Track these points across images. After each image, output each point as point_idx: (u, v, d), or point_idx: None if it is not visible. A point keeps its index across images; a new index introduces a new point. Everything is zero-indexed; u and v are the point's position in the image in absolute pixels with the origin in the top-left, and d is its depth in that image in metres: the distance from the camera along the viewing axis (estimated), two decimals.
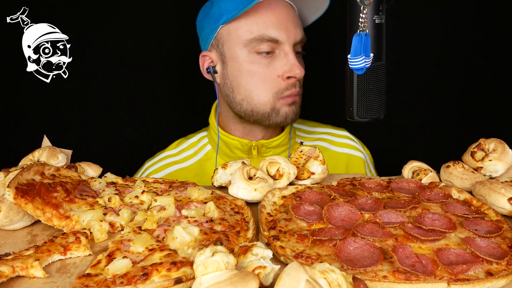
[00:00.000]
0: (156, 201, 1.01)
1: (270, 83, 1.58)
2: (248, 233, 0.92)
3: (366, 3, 1.04)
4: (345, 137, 1.86)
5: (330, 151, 1.80)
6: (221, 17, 1.55)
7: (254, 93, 1.59)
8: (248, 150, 1.67)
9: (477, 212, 0.99)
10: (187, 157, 1.80)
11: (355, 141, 1.86)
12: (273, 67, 1.57)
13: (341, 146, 1.83)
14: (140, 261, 0.79)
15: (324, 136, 1.86)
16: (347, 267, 0.78)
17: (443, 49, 2.09)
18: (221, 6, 1.55)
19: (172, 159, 1.80)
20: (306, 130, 1.88)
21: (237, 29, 1.56)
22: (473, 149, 1.22)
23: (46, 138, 1.33)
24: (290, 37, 1.56)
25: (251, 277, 0.66)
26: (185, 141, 1.85)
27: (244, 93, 1.59)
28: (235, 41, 1.56)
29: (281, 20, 1.55)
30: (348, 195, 1.08)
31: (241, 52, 1.57)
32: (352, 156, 1.81)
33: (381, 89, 1.15)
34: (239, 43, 1.56)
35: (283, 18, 1.56)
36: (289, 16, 1.57)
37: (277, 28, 1.54)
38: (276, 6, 1.56)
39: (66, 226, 0.95)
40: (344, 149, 1.82)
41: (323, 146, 1.82)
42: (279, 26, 1.54)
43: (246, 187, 1.07)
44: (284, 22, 1.55)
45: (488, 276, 0.76)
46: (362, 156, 1.83)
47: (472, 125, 2.16)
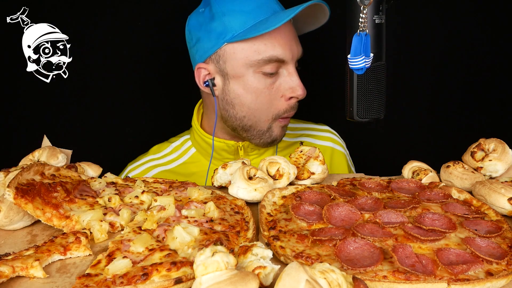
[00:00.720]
0: (156, 201, 1.01)
1: (274, 104, 1.57)
2: (248, 233, 0.92)
3: (366, 3, 1.04)
4: (327, 131, 1.89)
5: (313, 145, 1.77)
6: (225, 34, 1.50)
7: (257, 112, 1.58)
8: (235, 151, 1.68)
9: (477, 212, 0.99)
10: (171, 160, 1.79)
11: (337, 136, 1.89)
12: (277, 87, 1.55)
13: (324, 139, 1.85)
14: (140, 261, 0.79)
15: (307, 132, 1.88)
16: (347, 267, 0.78)
17: (443, 49, 2.09)
18: (225, 22, 1.49)
19: (155, 162, 1.79)
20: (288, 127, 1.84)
21: (243, 49, 1.50)
22: (473, 149, 1.22)
23: (46, 138, 1.33)
24: (294, 56, 1.55)
25: (251, 277, 0.66)
26: (167, 145, 1.83)
27: (248, 111, 1.58)
28: (241, 61, 1.51)
29: (286, 39, 1.52)
30: (348, 195, 1.08)
31: (247, 72, 1.53)
32: (335, 150, 1.84)
33: (381, 89, 1.15)
34: (246, 63, 1.51)
35: (288, 37, 1.53)
36: (292, 33, 1.55)
37: (283, 48, 1.51)
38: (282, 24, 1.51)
39: (66, 226, 0.95)
40: (328, 142, 1.85)
41: (307, 141, 1.83)
42: (285, 45, 1.52)
43: (246, 187, 1.07)
44: (288, 40, 1.53)
45: (488, 276, 0.76)
46: (343, 151, 1.85)
47: (472, 125, 2.17)
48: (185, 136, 1.84)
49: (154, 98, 2.15)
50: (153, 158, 1.81)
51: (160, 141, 1.88)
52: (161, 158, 1.81)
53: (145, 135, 2.15)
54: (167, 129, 2.08)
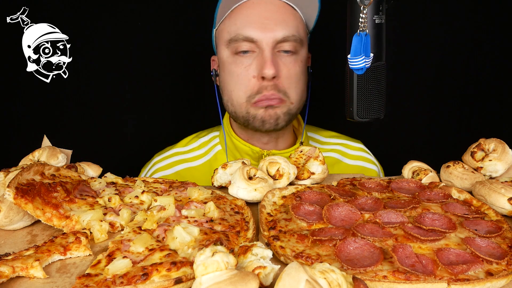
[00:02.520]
0: (156, 201, 1.01)
1: (245, 84, 1.53)
2: (248, 233, 0.92)
3: (366, 3, 1.04)
4: (359, 149, 1.82)
5: (343, 163, 1.77)
6: (214, 22, 1.59)
7: (233, 94, 1.57)
8: (259, 157, 1.65)
9: (477, 212, 0.99)
10: (196, 156, 1.78)
11: (369, 154, 1.82)
12: (250, 67, 1.53)
13: (354, 158, 1.78)
14: (140, 261, 0.79)
15: (338, 148, 1.81)
16: (347, 267, 0.78)
17: (443, 49, 2.09)
18: (215, 11, 1.55)
19: (181, 157, 1.78)
20: (320, 140, 1.84)
21: (221, 31, 1.57)
22: (473, 149, 1.22)
23: (46, 138, 1.33)
24: (268, 36, 1.49)
25: (251, 277, 0.66)
26: (196, 140, 1.82)
27: (227, 94, 1.59)
28: (221, 43, 1.57)
29: (261, 18, 1.49)
30: (348, 195, 1.08)
31: (225, 53, 1.56)
32: (365, 169, 1.77)
33: (381, 89, 1.15)
34: (223, 44, 1.56)
35: (263, 16, 1.50)
36: (272, 13, 1.51)
37: (253, 27, 1.49)
38: (260, 5, 1.51)
39: (66, 226, 0.95)
40: (357, 161, 1.78)
41: (336, 157, 1.78)
42: (257, 24, 1.49)
43: (246, 187, 1.07)
44: (263, 20, 1.49)
45: (488, 276, 0.76)
46: (376, 170, 1.79)
47: (472, 125, 2.16)
48: (214, 132, 1.82)
49: (154, 98, 2.15)
50: (180, 152, 1.79)
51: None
52: (187, 152, 1.79)
53: (145, 135, 2.16)
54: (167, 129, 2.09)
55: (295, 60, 1.55)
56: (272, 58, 1.49)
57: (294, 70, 1.54)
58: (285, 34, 1.50)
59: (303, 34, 1.57)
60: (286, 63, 1.53)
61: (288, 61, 1.53)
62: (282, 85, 1.53)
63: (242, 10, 1.52)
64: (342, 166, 1.75)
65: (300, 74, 1.57)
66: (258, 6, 1.51)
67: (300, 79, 1.57)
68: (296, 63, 1.55)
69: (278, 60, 1.52)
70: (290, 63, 1.54)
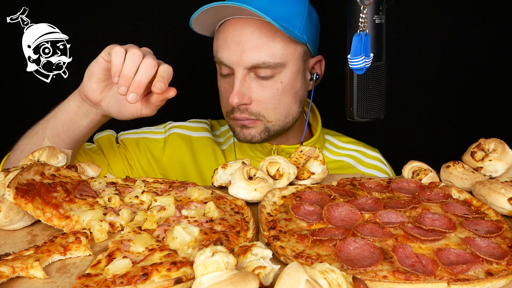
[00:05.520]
0: (156, 201, 1.01)
1: (225, 103, 1.60)
2: (248, 233, 0.92)
3: (366, 3, 1.04)
4: (375, 158, 1.81)
5: (356, 170, 1.76)
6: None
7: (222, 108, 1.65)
8: (268, 153, 1.67)
9: (477, 212, 0.99)
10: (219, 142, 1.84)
11: (384, 164, 1.81)
12: (228, 88, 1.55)
13: (368, 166, 1.77)
14: (140, 261, 0.79)
15: (354, 154, 1.80)
16: (347, 267, 0.78)
17: (443, 49, 2.10)
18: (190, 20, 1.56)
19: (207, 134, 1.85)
20: (336, 144, 1.83)
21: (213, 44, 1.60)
22: (473, 149, 1.22)
23: (46, 138, 1.33)
24: (238, 63, 1.47)
25: (251, 277, 0.66)
26: (218, 127, 1.88)
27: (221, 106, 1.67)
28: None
29: (233, 44, 1.46)
30: (348, 195, 1.08)
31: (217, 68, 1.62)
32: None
33: (381, 89, 1.15)
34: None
35: (236, 41, 1.46)
36: (246, 38, 1.45)
37: (227, 52, 1.48)
38: (237, 27, 1.47)
39: (66, 226, 0.95)
40: (371, 170, 1.76)
41: (350, 163, 1.77)
42: (229, 50, 1.47)
43: (246, 187, 1.07)
44: (235, 45, 1.46)
45: (488, 276, 0.76)
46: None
47: (472, 125, 2.17)
48: None
49: None
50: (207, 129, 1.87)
51: None
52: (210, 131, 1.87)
53: None
54: None
55: (273, 83, 1.52)
56: (239, 87, 1.48)
57: (271, 93, 1.52)
58: (255, 62, 1.46)
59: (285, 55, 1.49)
60: (262, 87, 1.51)
61: (264, 84, 1.51)
62: (255, 108, 1.53)
63: (224, 29, 1.52)
64: (354, 172, 1.74)
65: (280, 95, 1.53)
66: (235, 28, 1.48)
67: (280, 100, 1.54)
68: (274, 86, 1.52)
69: (253, 84, 1.50)
70: (267, 86, 1.51)
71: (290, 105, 1.59)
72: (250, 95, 1.51)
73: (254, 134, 1.58)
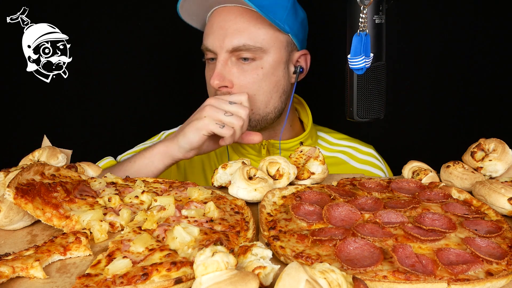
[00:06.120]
0: (156, 201, 1.01)
1: (209, 89, 1.63)
2: (248, 233, 0.92)
3: (366, 3, 1.04)
4: (369, 154, 1.81)
5: (348, 165, 1.77)
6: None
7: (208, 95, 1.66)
8: (258, 148, 1.68)
9: (477, 212, 0.99)
10: None
11: (378, 160, 1.81)
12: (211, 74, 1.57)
13: (361, 162, 1.78)
14: (140, 261, 0.79)
15: (347, 150, 1.81)
16: (347, 267, 0.78)
17: (443, 49, 2.09)
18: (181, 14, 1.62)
19: None
20: (329, 141, 1.84)
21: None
22: (473, 149, 1.22)
23: (46, 138, 1.33)
24: (220, 46, 1.53)
25: (251, 277, 0.66)
26: None
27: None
28: None
29: (217, 29, 1.54)
30: (348, 195, 1.08)
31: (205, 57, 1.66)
32: (371, 174, 1.76)
33: (381, 89, 1.15)
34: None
35: (220, 26, 1.53)
36: (229, 23, 1.53)
37: (211, 38, 1.55)
38: (221, 14, 1.55)
39: (66, 226, 0.95)
40: (364, 165, 1.77)
41: (343, 159, 1.78)
42: (213, 35, 1.54)
43: (246, 187, 1.07)
44: (219, 30, 1.53)
45: (488, 276, 0.76)
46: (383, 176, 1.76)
47: (472, 125, 2.16)
48: None
49: (154, 98, 2.15)
50: None
51: None
52: None
53: (145, 135, 2.15)
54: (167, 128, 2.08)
55: (253, 67, 1.55)
56: (220, 69, 1.53)
57: (251, 77, 1.55)
58: (235, 44, 1.51)
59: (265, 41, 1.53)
60: (243, 71, 1.55)
61: (245, 68, 1.55)
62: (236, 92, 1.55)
63: (210, 18, 1.60)
64: (347, 167, 1.75)
65: (260, 81, 1.56)
66: (219, 16, 1.55)
67: (260, 86, 1.56)
68: (254, 71, 1.55)
69: (234, 68, 1.55)
70: (247, 70, 1.55)
71: (271, 93, 1.60)
72: (231, 78, 1.55)
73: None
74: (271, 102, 1.61)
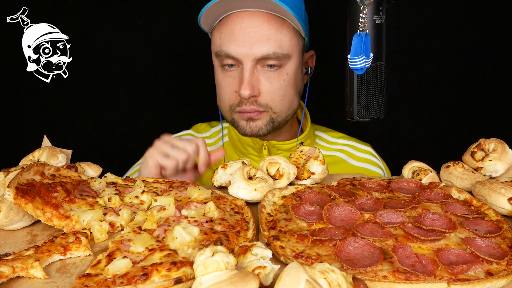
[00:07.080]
0: (156, 201, 1.01)
1: (229, 97, 1.58)
2: (248, 233, 0.92)
3: (366, 3, 1.04)
4: (366, 152, 1.81)
5: (347, 163, 1.77)
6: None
7: (220, 101, 1.64)
8: (259, 148, 1.68)
9: (477, 212, 0.99)
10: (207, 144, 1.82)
11: (376, 158, 1.82)
12: (233, 81, 1.56)
13: (359, 160, 1.78)
14: (140, 261, 0.79)
15: (345, 148, 1.81)
16: (347, 267, 0.78)
17: (443, 49, 2.09)
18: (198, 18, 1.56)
19: None
20: (326, 140, 1.84)
21: (212, 39, 1.60)
22: (473, 149, 1.22)
23: (46, 138, 1.33)
24: (248, 54, 1.49)
25: (251, 277, 0.66)
26: (208, 129, 1.89)
27: (217, 98, 1.66)
28: (212, 50, 1.61)
29: (242, 36, 1.48)
30: (348, 195, 1.08)
31: (215, 62, 1.61)
32: (369, 171, 1.76)
33: (381, 89, 1.15)
34: (213, 53, 1.60)
35: (245, 33, 1.48)
36: (255, 30, 1.48)
37: (235, 45, 1.49)
38: (244, 19, 1.49)
39: (66, 226, 0.95)
40: (362, 163, 1.77)
41: (341, 158, 1.78)
42: (238, 42, 1.49)
43: (246, 187, 1.07)
44: (244, 37, 1.48)
45: (488, 276, 0.76)
46: (381, 174, 1.78)
47: (472, 125, 2.16)
48: (225, 123, 1.84)
49: (154, 98, 2.15)
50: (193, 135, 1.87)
51: None
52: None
53: (145, 135, 2.15)
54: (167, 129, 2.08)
55: (279, 74, 1.55)
56: (249, 78, 1.51)
57: (278, 84, 1.55)
58: (265, 52, 1.49)
59: (290, 47, 1.53)
60: (270, 78, 1.54)
61: (272, 76, 1.54)
62: (263, 100, 1.56)
63: (228, 23, 1.52)
64: (345, 166, 1.75)
65: (286, 87, 1.57)
66: (242, 21, 1.49)
67: (286, 92, 1.58)
68: (280, 77, 1.55)
69: (260, 76, 1.53)
70: (274, 78, 1.54)
71: (293, 97, 1.62)
72: (258, 87, 1.54)
73: (261, 126, 1.60)
74: (292, 105, 1.64)
